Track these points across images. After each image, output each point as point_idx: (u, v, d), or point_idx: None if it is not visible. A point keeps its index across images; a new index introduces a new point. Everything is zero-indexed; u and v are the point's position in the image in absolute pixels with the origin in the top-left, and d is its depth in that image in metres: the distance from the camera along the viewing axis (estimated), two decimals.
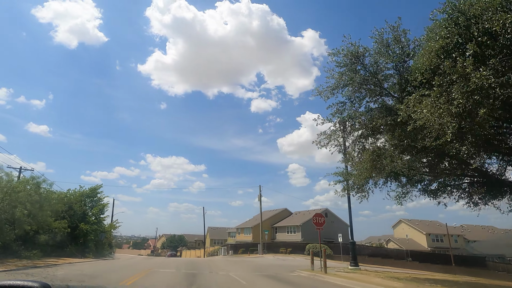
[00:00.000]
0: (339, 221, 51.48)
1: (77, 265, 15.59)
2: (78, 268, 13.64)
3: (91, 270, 12.97)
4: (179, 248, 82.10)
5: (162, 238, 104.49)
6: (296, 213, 56.55)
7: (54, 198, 22.44)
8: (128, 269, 14.48)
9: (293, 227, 48.74)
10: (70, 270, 12.57)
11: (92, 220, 30.75)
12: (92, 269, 13.62)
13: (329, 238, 48.48)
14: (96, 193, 33.99)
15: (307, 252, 39.04)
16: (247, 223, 58.33)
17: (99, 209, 32.18)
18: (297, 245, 41.48)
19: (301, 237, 46.26)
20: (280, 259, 27.87)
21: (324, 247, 14.51)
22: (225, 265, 17.45)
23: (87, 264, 16.89)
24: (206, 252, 52.70)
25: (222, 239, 74.95)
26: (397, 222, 57.11)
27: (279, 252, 40.09)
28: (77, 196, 31.98)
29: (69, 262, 17.96)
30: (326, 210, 51.00)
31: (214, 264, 18.40)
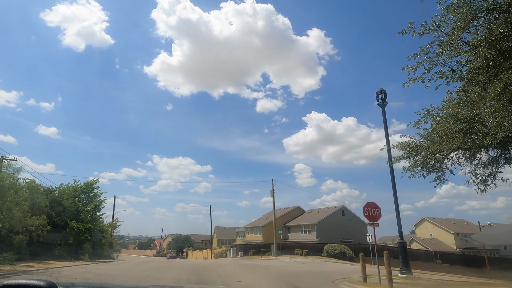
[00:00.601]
0: (356, 220, 47.43)
1: (48, 271, 12.11)
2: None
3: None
4: (185, 249, 78.85)
5: (168, 239, 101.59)
6: (310, 211, 52.67)
7: (35, 191, 19.08)
8: (106, 280, 10.93)
9: (307, 226, 44.90)
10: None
11: (87, 218, 27.44)
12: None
13: (347, 238, 44.50)
14: (92, 188, 30.75)
15: (326, 253, 35.24)
16: (257, 222, 54.66)
17: (94, 205, 28.88)
18: (313, 245, 37.67)
19: (316, 237, 42.39)
20: (298, 262, 24.11)
21: (386, 252, 10.60)
22: (239, 271, 13.80)
23: (65, 270, 13.43)
24: (213, 253, 49.18)
25: (229, 239, 71.44)
26: (419, 221, 52.73)
27: (294, 253, 36.32)
28: (70, 191, 28.77)
29: (47, 267, 14.56)
30: (343, 207, 47.02)
31: (224, 269, 14.76)
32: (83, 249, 28.68)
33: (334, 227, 44.24)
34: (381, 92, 16.04)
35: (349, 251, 34.46)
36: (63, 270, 12.44)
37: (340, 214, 46.35)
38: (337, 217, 45.79)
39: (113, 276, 11.45)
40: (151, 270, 14.29)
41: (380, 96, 16.01)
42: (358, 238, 45.46)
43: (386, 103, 15.98)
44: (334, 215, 45.41)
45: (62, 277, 10.12)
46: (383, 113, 15.81)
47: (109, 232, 38.38)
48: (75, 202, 27.53)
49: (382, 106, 15.86)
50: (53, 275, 10.79)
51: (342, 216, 46.40)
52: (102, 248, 37.30)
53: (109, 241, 42.60)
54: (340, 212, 46.41)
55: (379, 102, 16.00)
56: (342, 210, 46.76)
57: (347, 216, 46.80)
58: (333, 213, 45.51)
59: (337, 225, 44.74)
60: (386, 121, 15.67)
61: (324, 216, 44.64)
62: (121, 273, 13.18)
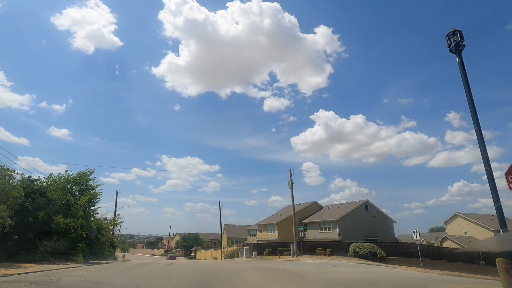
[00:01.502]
0: (381, 216, 42.76)
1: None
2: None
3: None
4: (194, 248, 75.26)
5: (176, 237, 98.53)
6: (328, 206, 48.17)
7: (5, 177, 15.29)
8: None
9: (327, 222, 40.44)
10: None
11: (79, 213, 23.75)
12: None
13: (372, 236, 39.85)
14: (86, 179, 27.09)
15: (352, 253, 30.78)
16: (270, 219, 50.45)
17: (88, 199, 25.14)
18: (335, 244, 33.25)
19: (338, 235, 37.92)
20: (327, 264, 19.80)
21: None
22: (266, 281, 9.64)
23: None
24: (223, 252, 45.21)
25: (240, 237, 67.49)
26: (450, 217, 47.59)
27: (315, 253, 31.99)
28: (60, 182, 25.14)
29: (3, 274, 10.71)
30: (366, 202, 42.35)
31: (243, 277, 10.61)
32: (75, 249, 25.04)
33: (357, 223, 39.70)
34: (455, 34, 11.61)
35: (380, 251, 29.95)
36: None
37: (363, 210, 41.72)
38: (360, 212, 41.19)
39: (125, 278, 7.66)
40: (143, 278, 10.26)
41: (454, 39, 11.56)
42: (384, 236, 40.82)
43: (463, 46, 11.53)
44: (356, 211, 40.83)
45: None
46: (459, 60, 11.36)
47: (109, 229, 34.76)
48: (65, 194, 23.87)
49: (457, 52, 11.42)
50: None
51: (366, 211, 41.76)
52: (102, 247, 33.72)
53: (111, 240, 39.11)
54: (363, 207, 41.78)
55: (452, 47, 11.56)
56: (365, 205, 42.11)
57: (371, 211, 42.14)
58: (356, 208, 40.93)
59: (360, 221, 40.18)
60: (465, 71, 11.21)
61: (346, 211, 40.10)
62: (97, 282, 9.18)
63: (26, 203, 17.12)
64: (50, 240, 19.48)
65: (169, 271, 12.54)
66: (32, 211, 18.05)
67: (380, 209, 42.93)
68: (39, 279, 9.36)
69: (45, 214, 19.21)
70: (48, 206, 20.37)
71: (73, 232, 22.99)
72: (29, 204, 17.30)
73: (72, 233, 22.78)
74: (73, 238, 23.76)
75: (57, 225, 20.10)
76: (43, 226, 18.66)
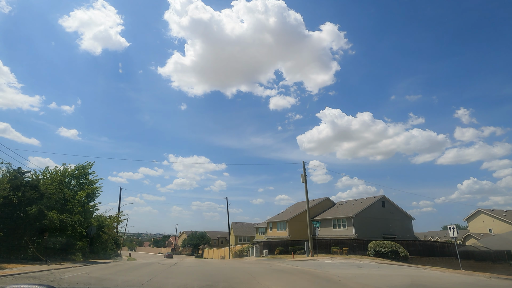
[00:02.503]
0: (399, 212, 40.16)
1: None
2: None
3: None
4: (201, 247, 73.56)
5: (183, 236, 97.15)
6: (341, 203, 45.73)
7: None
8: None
9: (342, 219, 38.06)
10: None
11: (76, 209, 21.95)
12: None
13: (389, 233, 37.33)
14: (85, 173, 25.31)
15: (372, 252, 28.38)
16: (280, 216, 48.24)
17: (86, 194, 23.32)
18: (352, 242, 30.92)
19: (354, 232, 35.52)
20: (352, 265, 17.53)
21: None
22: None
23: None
24: (232, 251, 43.19)
25: (248, 235, 65.52)
26: (473, 213, 44.62)
27: (330, 252, 29.72)
28: (57, 176, 23.37)
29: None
30: (383, 197, 39.80)
31: (263, 284, 8.41)
32: (73, 248, 23.26)
33: (373, 220, 37.25)
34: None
35: (403, 250, 27.51)
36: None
37: (380, 206, 39.20)
38: (377, 209, 38.69)
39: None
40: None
41: None
42: (403, 234, 38.26)
43: None
44: (373, 207, 38.34)
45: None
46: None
47: (112, 227, 33.06)
48: (61, 188, 22.09)
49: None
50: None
51: (383, 207, 39.23)
52: (105, 245, 32.05)
53: (114, 238, 37.49)
54: (380, 203, 39.25)
55: None
56: (382, 200, 39.57)
57: (388, 207, 39.59)
58: (372, 204, 38.43)
59: (377, 218, 37.71)
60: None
61: (362, 208, 37.65)
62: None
63: (11, 196, 15.25)
64: (42, 237, 17.62)
65: (169, 274, 10.44)
66: (20, 206, 16.22)
67: (397, 205, 40.35)
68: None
69: (37, 209, 17.37)
70: (41, 200, 18.55)
71: (70, 229, 21.22)
72: (15, 197, 15.43)
73: (69, 230, 21.00)
74: (71, 236, 21.99)
75: (50, 222, 18.26)
76: (34, 222, 16.81)
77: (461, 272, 16.06)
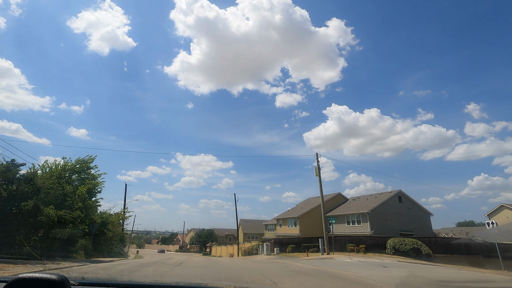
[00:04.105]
0: (417, 208, 38.05)
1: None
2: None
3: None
4: (208, 244, 72.42)
5: (191, 233, 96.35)
6: (354, 198, 43.76)
7: None
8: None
9: (356, 215, 36.16)
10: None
11: (76, 205, 20.65)
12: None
13: (407, 230, 35.24)
14: (87, 167, 24.02)
15: (392, 250, 26.47)
16: (290, 212, 46.54)
17: (87, 189, 22.00)
18: (368, 239, 29.06)
19: (370, 229, 33.63)
20: (375, 264, 15.76)
21: None
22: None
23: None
24: (240, 249, 41.75)
25: (256, 233, 64.04)
26: (496, 208, 42.25)
27: (346, 249, 27.90)
28: (57, 170, 22.12)
29: None
30: (399, 192, 37.71)
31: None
32: (74, 246, 22.04)
33: (390, 216, 35.22)
34: None
35: (425, 248, 25.57)
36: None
37: (397, 201, 37.14)
38: (393, 204, 36.64)
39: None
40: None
41: None
42: (421, 230, 36.16)
43: None
44: (389, 202, 36.31)
45: None
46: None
47: (116, 224, 31.87)
48: (61, 183, 20.81)
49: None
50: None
51: (399, 203, 37.16)
52: (110, 243, 30.89)
53: (120, 235, 36.35)
54: (396, 199, 37.19)
55: None
56: (398, 195, 37.49)
57: (405, 203, 37.50)
58: (388, 199, 36.40)
59: (393, 214, 35.66)
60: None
61: (377, 203, 35.67)
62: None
63: (0, 190, 13.92)
64: (37, 234, 16.33)
65: (172, 277, 8.86)
66: (13, 200, 14.94)
67: (415, 200, 38.23)
68: None
69: (33, 205, 16.07)
70: (38, 195, 17.27)
71: (71, 226, 19.93)
72: (5, 191, 14.10)
73: (69, 227, 19.72)
74: (71, 233, 20.75)
75: (47, 218, 16.92)
76: (28, 219, 15.50)
77: (502, 272, 14.13)
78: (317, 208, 42.52)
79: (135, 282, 2.00)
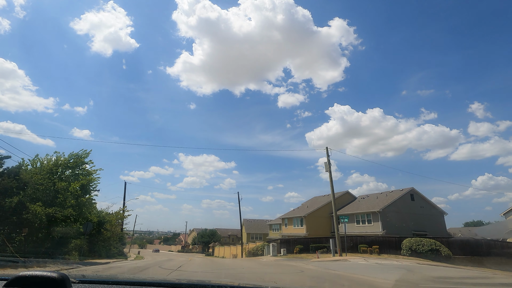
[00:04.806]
0: (429, 206, 36.22)
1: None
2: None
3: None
4: (211, 244, 70.84)
5: (193, 233, 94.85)
6: (363, 197, 41.95)
7: None
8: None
9: (366, 214, 34.38)
10: None
11: (69, 202, 19.09)
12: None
13: (420, 230, 33.34)
14: (81, 162, 22.43)
15: (408, 251, 24.67)
16: (296, 211, 44.82)
17: (81, 185, 20.42)
18: (381, 240, 27.30)
19: (381, 229, 31.85)
20: (395, 267, 14.07)
21: None
22: None
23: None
24: (245, 249, 40.10)
25: (260, 233, 62.40)
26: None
27: (358, 250, 26.14)
28: (49, 166, 20.58)
29: None
30: (412, 190, 35.87)
31: None
32: (67, 246, 20.51)
33: (402, 215, 33.40)
34: None
35: (444, 249, 23.75)
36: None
37: (409, 199, 35.30)
38: (405, 203, 34.81)
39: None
40: None
41: None
42: (434, 230, 34.26)
43: None
44: (400, 201, 34.48)
45: None
46: None
47: (114, 223, 30.32)
48: (52, 179, 19.27)
49: None
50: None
51: (412, 201, 35.32)
52: (108, 243, 29.43)
53: (119, 236, 34.82)
54: (408, 197, 35.35)
55: None
56: (411, 193, 35.65)
57: (417, 201, 35.65)
58: (400, 197, 34.57)
59: (405, 213, 33.83)
60: None
61: (388, 202, 33.86)
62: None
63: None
64: (21, 233, 14.78)
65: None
66: None
67: (428, 199, 36.36)
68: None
69: (17, 201, 14.52)
70: (24, 191, 15.73)
71: (62, 225, 18.39)
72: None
73: (61, 225, 18.18)
74: (64, 233, 19.23)
75: (34, 216, 15.36)
76: (11, 216, 13.95)
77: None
78: (324, 207, 40.77)
79: (136, 280, 1.91)
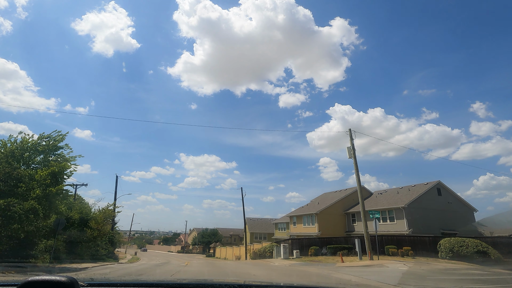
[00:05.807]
0: (458, 202, 32.16)
1: None
2: None
3: None
4: (212, 245, 66.90)
5: (194, 233, 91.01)
6: (380, 192, 37.96)
7: None
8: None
9: (388, 211, 30.38)
10: None
11: (34, 193, 15.19)
12: None
13: (449, 229, 29.22)
14: (55, 147, 18.52)
15: (449, 253, 20.42)
16: (305, 208, 40.84)
17: (51, 172, 16.45)
18: (409, 240, 23.35)
19: (407, 227, 27.84)
20: (465, 275, 10.02)
21: None
22: None
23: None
24: (249, 250, 36.18)
25: (264, 232, 58.43)
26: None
27: (385, 252, 22.15)
28: (11, 149, 16.69)
29: None
30: (438, 183, 31.83)
31: None
32: (34, 248, 16.62)
33: (427, 212, 29.40)
34: None
35: (493, 251, 19.75)
36: None
37: (435, 194, 31.28)
38: (432, 198, 30.79)
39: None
40: None
41: None
42: (465, 229, 30.24)
43: None
44: (426, 196, 30.45)
45: None
46: None
47: (102, 221, 26.37)
48: (12, 164, 15.36)
49: None
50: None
51: (439, 196, 31.29)
52: (93, 243, 25.63)
53: (109, 235, 30.89)
54: (434, 191, 31.33)
55: None
56: (437, 187, 31.61)
57: (445, 196, 31.61)
58: (426, 192, 30.54)
59: (432, 209, 29.81)
60: None
61: (413, 197, 29.84)
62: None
63: None
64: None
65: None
66: None
67: (456, 194, 32.33)
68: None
69: None
70: None
71: (23, 222, 14.48)
72: None
73: (19, 222, 14.26)
74: (30, 231, 15.32)
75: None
76: None
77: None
78: (337, 204, 36.82)
79: (144, 282, 1.99)
